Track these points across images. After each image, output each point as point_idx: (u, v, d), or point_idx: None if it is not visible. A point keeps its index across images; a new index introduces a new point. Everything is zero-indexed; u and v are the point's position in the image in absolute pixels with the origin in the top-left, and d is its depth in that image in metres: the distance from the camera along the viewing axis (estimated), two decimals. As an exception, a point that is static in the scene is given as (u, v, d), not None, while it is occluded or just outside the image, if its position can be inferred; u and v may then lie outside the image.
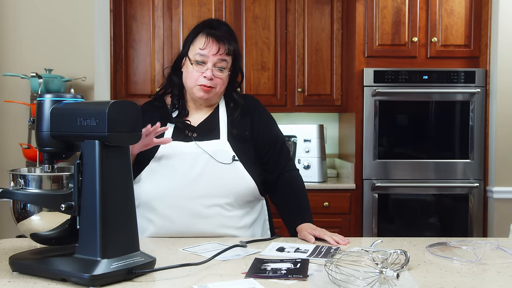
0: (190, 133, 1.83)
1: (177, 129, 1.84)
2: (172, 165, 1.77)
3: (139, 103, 1.38)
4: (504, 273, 1.35)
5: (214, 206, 1.76)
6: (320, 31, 3.78)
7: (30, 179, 1.30)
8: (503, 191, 3.41)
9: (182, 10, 3.74)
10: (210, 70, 1.79)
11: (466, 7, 3.52)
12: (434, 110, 3.51)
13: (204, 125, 1.86)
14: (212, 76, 1.79)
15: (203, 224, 1.76)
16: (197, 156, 1.77)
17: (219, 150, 1.79)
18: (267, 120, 1.94)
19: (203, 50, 1.79)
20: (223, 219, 1.77)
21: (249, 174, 1.80)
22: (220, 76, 1.81)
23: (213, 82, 1.80)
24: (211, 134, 1.83)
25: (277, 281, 1.27)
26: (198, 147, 1.79)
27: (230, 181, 1.77)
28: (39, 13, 3.40)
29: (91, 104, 1.33)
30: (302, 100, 3.77)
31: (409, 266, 1.39)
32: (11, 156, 3.35)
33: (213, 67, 1.80)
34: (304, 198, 1.89)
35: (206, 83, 1.79)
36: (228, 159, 1.78)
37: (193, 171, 1.76)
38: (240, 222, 1.80)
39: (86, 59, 3.42)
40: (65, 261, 1.27)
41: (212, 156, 1.77)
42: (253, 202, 1.85)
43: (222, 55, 1.80)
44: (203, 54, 1.79)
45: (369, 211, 3.46)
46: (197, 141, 1.80)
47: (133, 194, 1.35)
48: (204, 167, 1.76)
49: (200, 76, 1.80)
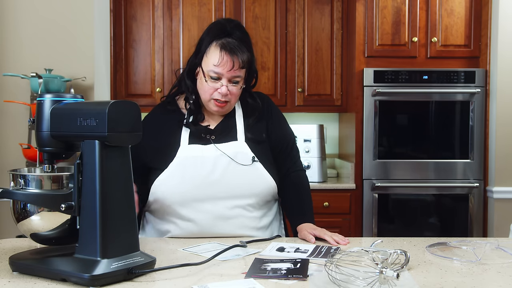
0: (208, 136, 1.83)
1: (193, 132, 1.82)
2: (192, 168, 1.76)
3: (139, 103, 1.39)
4: (504, 273, 1.35)
5: (236, 208, 1.77)
6: (320, 31, 3.78)
7: (30, 179, 1.30)
8: (503, 191, 3.41)
9: (182, 10, 3.74)
10: (225, 86, 1.76)
11: (466, 7, 3.52)
12: (434, 110, 3.51)
13: (221, 127, 1.85)
14: (227, 92, 1.77)
15: (225, 226, 1.77)
16: (217, 159, 1.77)
17: (239, 152, 1.79)
18: (280, 121, 1.95)
19: (217, 67, 1.75)
20: (244, 220, 1.78)
21: (269, 174, 1.81)
22: (234, 90, 1.79)
23: (228, 97, 1.78)
24: (228, 136, 1.83)
25: (277, 281, 1.27)
26: (217, 150, 1.78)
27: (252, 182, 1.78)
28: (39, 13, 3.40)
29: (91, 104, 1.32)
30: (302, 100, 3.77)
31: (409, 266, 1.39)
32: (11, 156, 3.35)
33: (228, 83, 1.77)
34: (307, 198, 1.90)
35: (221, 98, 1.77)
36: (248, 161, 1.78)
37: (214, 174, 1.76)
38: (260, 222, 1.82)
39: (86, 59, 3.41)
40: (65, 261, 1.27)
41: (232, 158, 1.77)
42: (271, 202, 1.87)
43: (236, 70, 1.76)
44: (217, 72, 1.75)
45: (369, 211, 3.46)
46: (215, 143, 1.80)
47: (133, 194, 1.35)
48: (225, 170, 1.76)
49: (215, 91, 1.77)
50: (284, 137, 1.94)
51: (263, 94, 1.98)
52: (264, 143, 1.86)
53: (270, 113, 1.93)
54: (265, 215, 1.84)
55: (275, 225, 1.90)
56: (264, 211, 1.84)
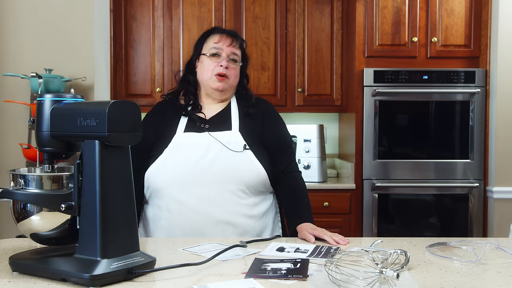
0: (203, 125, 1.91)
1: (190, 121, 1.93)
2: (185, 153, 1.84)
3: (139, 103, 1.40)
4: (504, 273, 1.35)
5: (226, 192, 1.81)
6: (320, 31, 3.78)
7: (30, 179, 1.30)
8: (503, 191, 3.41)
9: (182, 10, 3.74)
10: (225, 59, 1.94)
11: (466, 7, 3.52)
12: (434, 110, 3.51)
13: (217, 118, 1.95)
14: (228, 65, 1.94)
15: (216, 210, 1.80)
16: (210, 145, 1.84)
17: (231, 140, 1.86)
18: (276, 120, 2.03)
19: (218, 43, 1.96)
20: (235, 206, 1.82)
21: (260, 163, 1.86)
22: (233, 67, 1.96)
23: (228, 71, 1.94)
24: (223, 126, 1.91)
25: (277, 281, 1.27)
26: (210, 137, 1.86)
27: (242, 168, 1.84)
28: (39, 13, 3.40)
29: (91, 104, 1.32)
30: (302, 100, 3.77)
31: (409, 266, 1.39)
32: (11, 156, 3.35)
33: (227, 58, 1.95)
34: (304, 198, 1.93)
35: (222, 71, 1.92)
36: (240, 148, 1.85)
37: (206, 158, 1.83)
38: (252, 210, 1.85)
39: (86, 59, 3.41)
40: (65, 261, 1.27)
41: (225, 144, 1.84)
42: (264, 192, 1.91)
43: (235, 47, 1.97)
44: (217, 47, 1.95)
45: (369, 211, 3.46)
46: (210, 131, 1.87)
47: (133, 194, 1.35)
48: (217, 155, 1.83)
49: (216, 66, 1.94)
50: (280, 135, 2.00)
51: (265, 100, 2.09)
52: (257, 136, 1.92)
53: (267, 112, 2.01)
54: (258, 204, 1.88)
55: (269, 217, 1.92)
56: (256, 200, 1.87)
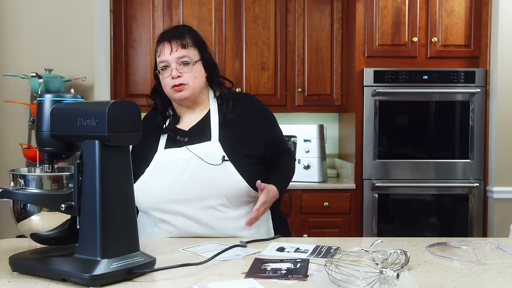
0: (181, 138, 1.85)
1: (170, 137, 1.86)
2: (164, 172, 1.79)
3: (139, 103, 1.39)
4: (504, 273, 1.35)
5: (208, 208, 1.77)
6: (320, 31, 3.78)
7: (30, 179, 1.30)
8: (503, 191, 3.41)
9: (182, 10, 3.74)
10: (175, 69, 1.82)
11: (466, 7, 3.52)
12: (434, 110, 3.51)
13: (196, 128, 1.87)
14: (179, 73, 1.82)
15: (200, 228, 1.77)
16: (187, 161, 1.78)
17: (209, 152, 1.78)
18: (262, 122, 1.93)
19: (161, 56, 1.85)
20: (222, 223, 1.77)
21: (240, 175, 1.78)
22: (186, 70, 1.83)
23: (182, 79, 1.82)
24: (202, 136, 1.83)
25: (277, 281, 1.27)
26: (188, 151, 1.79)
27: (220, 182, 1.77)
28: (39, 13, 3.40)
29: (91, 104, 1.33)
30: (302, 100, 3.77)
31: (409, 266, 1.39)
32: (11, 156, 3.35)
33: (177, 65, 1.82)
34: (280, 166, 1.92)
35: (175, 82, 1.82)
36: (218, 160, 1.77)
37: (184, 175, 1.77)
38: (239, 222, 1.80)
39: (86, 59, 3.41)
40: (65, 261, 1.27)
41: (202, 158, 1.77)
42: (248, 201, 1.83)
43: (179, 51, 1.83)
44: (163, 61, 1.84)
45: (369, 211, 3.46)
46: (188, 145, 1.81)
47: (133, 194, 1.35)
48: (194, 170, 1.77)
49: (169, 79, 1.83)
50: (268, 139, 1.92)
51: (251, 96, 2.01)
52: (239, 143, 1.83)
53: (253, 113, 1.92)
54: (244, 215, 1.81)
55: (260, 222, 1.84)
56: (242, 212, 1.81)
